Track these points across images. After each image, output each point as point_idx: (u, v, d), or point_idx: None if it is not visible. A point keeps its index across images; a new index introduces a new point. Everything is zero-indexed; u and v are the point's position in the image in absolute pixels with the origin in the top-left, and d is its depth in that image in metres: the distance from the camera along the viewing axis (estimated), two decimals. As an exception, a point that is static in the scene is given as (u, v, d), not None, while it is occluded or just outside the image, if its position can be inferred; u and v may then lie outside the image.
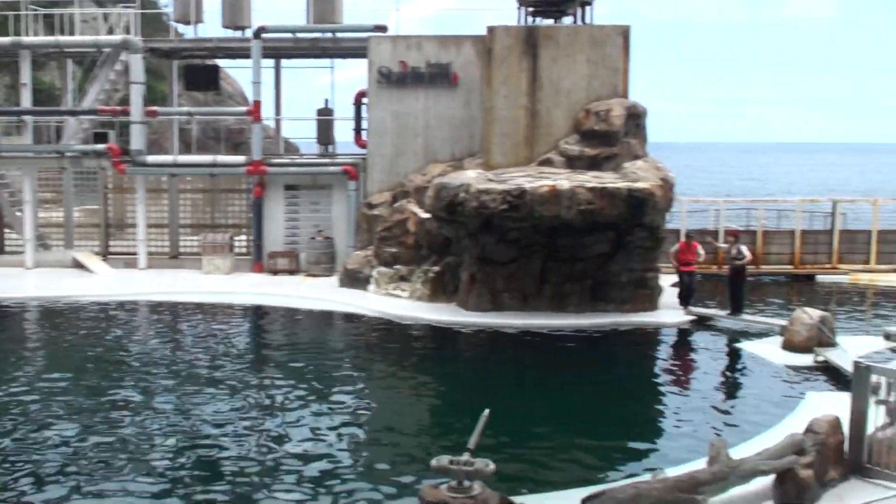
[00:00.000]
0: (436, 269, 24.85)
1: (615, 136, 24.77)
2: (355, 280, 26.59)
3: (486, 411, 9.36)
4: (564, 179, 22.14)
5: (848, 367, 15.55)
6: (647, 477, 11.06)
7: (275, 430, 14.50)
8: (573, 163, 24.71)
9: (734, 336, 21.58)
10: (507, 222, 22.06)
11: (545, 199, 21.39)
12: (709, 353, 20.72)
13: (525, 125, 25.63)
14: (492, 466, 8.89)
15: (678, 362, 19.53)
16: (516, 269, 23.16)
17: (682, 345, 21.13)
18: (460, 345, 21.26)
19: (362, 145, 29.63)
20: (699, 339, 21.72)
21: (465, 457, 8.92)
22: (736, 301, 22.82)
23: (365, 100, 28.88)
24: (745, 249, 23.06)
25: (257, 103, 29.79)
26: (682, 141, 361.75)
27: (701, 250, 23.85)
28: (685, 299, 23.70)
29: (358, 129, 30.22)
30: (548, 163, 24.94)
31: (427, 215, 24.77)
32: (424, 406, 16.72)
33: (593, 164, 24.56)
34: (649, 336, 21.87)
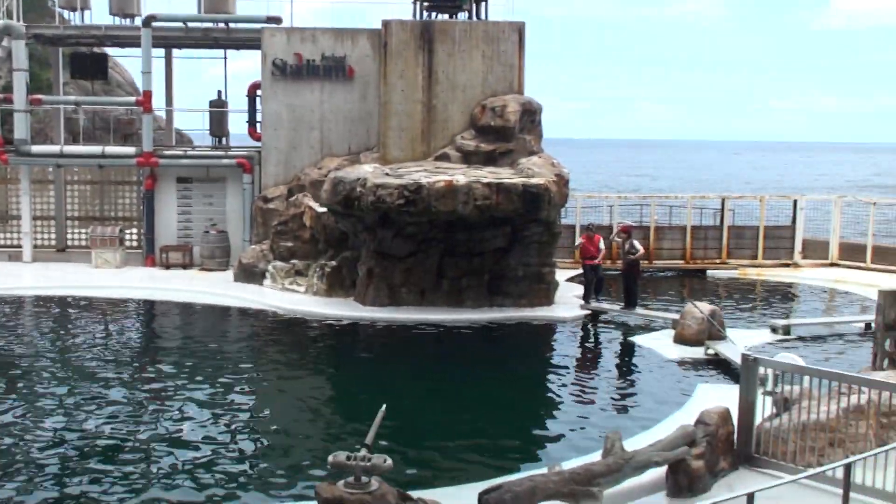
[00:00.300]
0: (333, 263, 24.69)
1: (511, 132, 25.00)
2: (251, 275, 26.26)
3: (384, 407, 9.32)
4: (461, 174, 22.24)
5: (737, 359, 15.96)
6: (543, 470, 11.17)
7: (166, 430, 14.21)
8: (469, 158, 24.85)
9: (627, 330, 21.98)
10: (404, 217, 22.05)
11: (442, 193, 21.45)
12: (603, 347, 21.09)
13: (421, 120, 25.67)
14: (389, 462, 8.86)
15: (573, 356, 19.80)
16: (414, 264, 23.17)
17: (577, 339, 21.43)
18: (357, 340, 21.17)
19: (257, 138, 29.28)
20: (594, 333, 22.07)
21: (363, 452, 8.87)
22: (629, 295, 23.23)
23: (259, 92, 28.54)
24: (637, 244, 23.50)
25: (147, 93, 29.16)
26: (577, 137, 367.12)
27: (602, 245, 24.14)
28: (594, 293, 23.78)
29: (252, 122, 29.87)
30: (444, 158, 25.03)
31: (323, 209, 24.61)
32: (321, 402, 16.59)
33: (489, 159, 24.73)
34: (545, 330, 22.11)
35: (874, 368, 15.41)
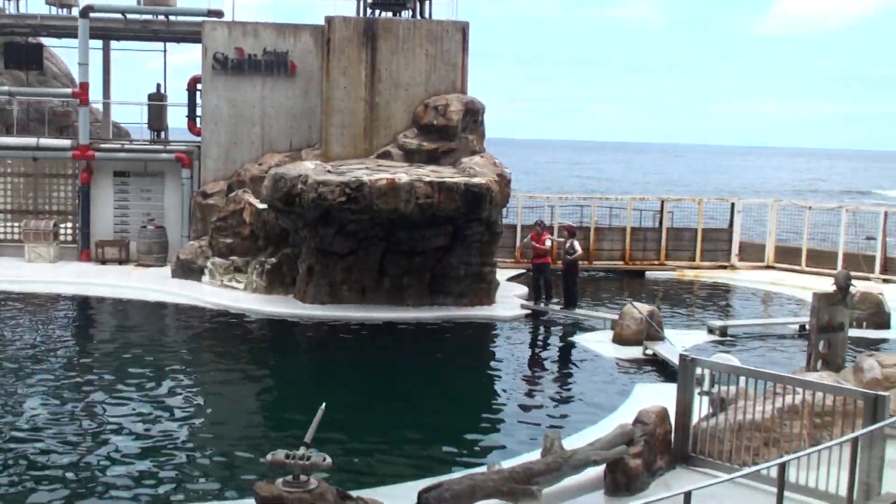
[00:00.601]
0: (273, 260, 24.53)
1: (453, 131, 25.06)
2: (189, 271, 25.98)
3: (323, 405, 9.29)
4: (403, 173, 22.25)
5: (674, 359, 16.18)
6: (482, 468, 11.23)
7: (99, 429, 14.02)
8: (412, 156, 24.87)
9: (567, 329, 22.15)
10: (345, 214, 21.99)
11: (384, 192, 21.43)
12: (543, 347, 21.26)
13: (364, 117, 25.62)
14: (329, 460, 8.84)
15: (513, 356, 19.89)
16: (355, 262, 23.12)
17: (517, 338, 21.54)
18: (297, 338, 21.07)
19: (197, 133, 28.98)
20: (533, 332, 22.21)
21: (302, 451, 8.84)
22: (569, 295, 23.39)
23: (199, 86, 28.25)
24: (577, 245, 23.66)
25: (84, 85, 28.71)
26: (519, 137, 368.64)
27: (549, 243, 24.12)
28: (545, 297, 23.68)
29: (192, 116, 29.55)
30: (387, 156, 25.01)
31: (264, 206, 24.45)
32: (260, 401, 16.49)
33: (432, 158, 24.77)
34: (485, 329, 22.20)
35: (808, 369, 15.74)
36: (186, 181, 28.38)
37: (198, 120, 28.93)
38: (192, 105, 29.47)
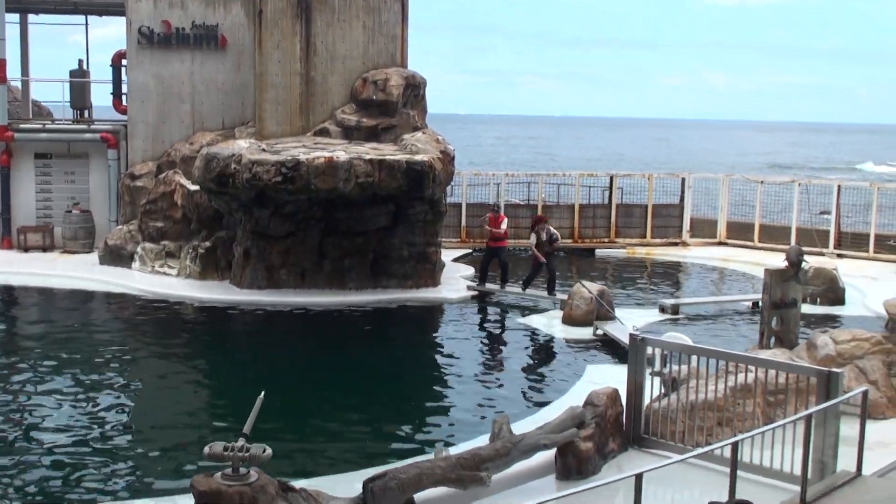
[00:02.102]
0: (206, 244, 24.33)
1: (394, 107, 25.01)
2: (118, 257, 25.69)
3: (262, 394, 9.27)
4: (342, 151, 22.18)
5: (625, 339, 16.36)
6: (429, 455, 11.29)
7: (27, 424, 13.86)
8: (351, 133, 24.79)
9: (515, 311, 22.28)
10: (282, 195, 21.88)
11: (322, 170, 21.34)
12: (490, 329, 21.36)
13: (300, 93, 25.44)
14: (268, 451, 8.82)
15: (460, 338, 19.97)
16: (293, 244, 23.04)
17: (464, 320, 21.62)
18: (234, 325, 20.97)
19: (122, 111, 28.61)
20: (481, 314, 22.32)
21: (240, 442, 8.82)
22: (553, 281, 22.97)
23: (125, 62, 27.86)
24: (552, 229, 23.36)
25: (1, 62, 28.16)
26: (462, 112, 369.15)
27: (505, 225, 24.06)
28: (501, 278, 23.68)
29: (117, 94, 29.14)
30: (324, 133, 24.90)
31: (196, 187, 24.23)
32: (196, 391, 16.40)
33: (372, 134, 24.72)
34: (431, 312, 22.27)
35: (761, 347, 16.05)
36: (113, 162, 28.02)
37: (124, 98, 28.52)
38: (117, 82, 29.04)
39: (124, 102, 28.40)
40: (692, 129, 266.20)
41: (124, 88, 28.32)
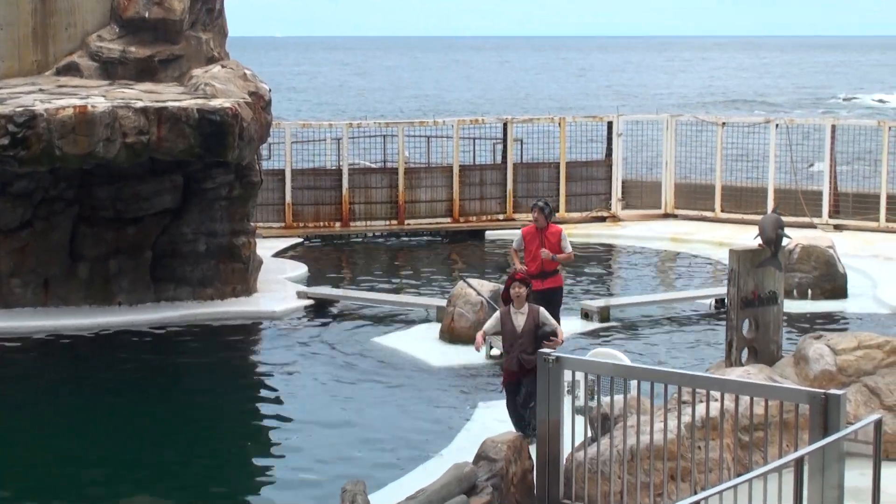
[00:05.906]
0: None
1: (177, 28, 24.77)
2: None
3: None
4: (100, 96, 21.93)
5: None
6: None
7: None
8: (113, 69, 24.51)
9: (372, 327, 22.33)
10: (9, 165, 21.49)
11: (70, 127, 21.02)
12: (337, 355, 21.20)
13: (32, 11, 24.97)
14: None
15: (292, 372, 19.93)
16: (30, 239, 22.72)
17: (297, 345, 21.55)
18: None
19: None
20: (321, 334, 22.25)
21: None
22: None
23: None
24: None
25: None
26: (279, 35, 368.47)
27: (565, 244, 23.52)
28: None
29: None
30: (73, 70, 24.55)
31: None
32: None
33: (145, 71, 24.50)
34: (246, 333, 22.34)
35: (728, 363, 16.32)
36: None
37: None
38: None
39: None
40: (620, 50, 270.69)
41: None
